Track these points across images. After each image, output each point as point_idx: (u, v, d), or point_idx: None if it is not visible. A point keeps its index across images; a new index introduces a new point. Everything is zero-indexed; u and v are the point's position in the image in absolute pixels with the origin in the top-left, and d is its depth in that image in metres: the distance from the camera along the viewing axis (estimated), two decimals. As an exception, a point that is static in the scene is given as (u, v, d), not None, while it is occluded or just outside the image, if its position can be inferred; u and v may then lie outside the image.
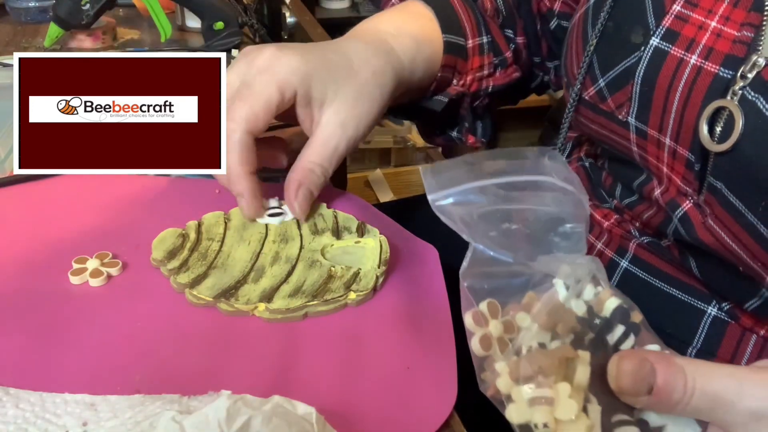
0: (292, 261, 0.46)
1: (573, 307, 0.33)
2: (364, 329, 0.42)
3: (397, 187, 1.81)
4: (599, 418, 0.30)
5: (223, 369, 0.38)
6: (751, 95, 0.38)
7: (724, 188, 0.40)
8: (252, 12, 1.01)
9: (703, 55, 0.40)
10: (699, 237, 0.43)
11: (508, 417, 0.30)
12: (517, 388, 0.30)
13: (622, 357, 0.31)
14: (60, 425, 0.33)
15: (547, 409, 0.29)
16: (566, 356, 0.31)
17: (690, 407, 0.30)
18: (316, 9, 2.16)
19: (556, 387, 0.30)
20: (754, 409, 0.29)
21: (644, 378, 0.30)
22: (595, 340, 0.32)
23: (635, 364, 0.30)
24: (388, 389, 0.37)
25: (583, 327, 0.32)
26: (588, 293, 0.34)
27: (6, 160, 0.57)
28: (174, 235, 0.48)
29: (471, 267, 0.34)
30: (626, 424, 0.30)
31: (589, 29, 0.49)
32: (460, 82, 0.61)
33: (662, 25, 0.43)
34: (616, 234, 0.53)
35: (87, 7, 0.85)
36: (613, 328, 0.33)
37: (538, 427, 0.29)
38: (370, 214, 0.53)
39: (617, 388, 0.30)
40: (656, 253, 0.50)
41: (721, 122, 0.39)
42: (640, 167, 0.48)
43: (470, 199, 0.35)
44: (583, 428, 0.29)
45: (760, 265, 0.40)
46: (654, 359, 0.30)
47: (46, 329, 0.40)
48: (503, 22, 0.64)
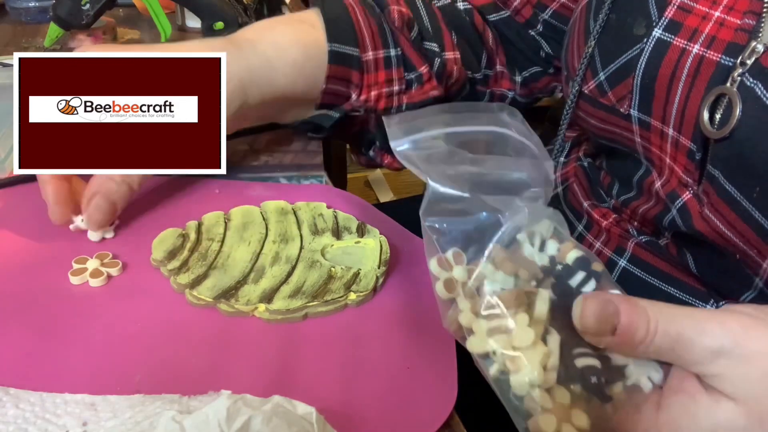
0: (292, 261, 0.46)
1: (536, 259, 0.34)
2: (364, 330, 0.42)
3: (397, 187, 1.81)
4: (558, 347, 0.30)
5: (223, 369, 0.38)
6: (749, 81, 0.38)
7: (720, 176, 0.40)
8: (252, 12, 1.01)
9: (705, 44, 0.41)
10: (695, 227, 0.43)
11: (469, 348, 0.31)
12: (477, 321, 0.31)
13: (586, 297, 0.31)
14: (60, 425, 0.33)
15: (505, 338, 0.30)
16: (525, 291, 0.31)
17: (652, 348, 0.30)
18: (316, 9, 2.15)
19: (514, 318, 0.30)
20: (713, 347, 0.30)
21: (608, 318, 0.30)
22: (556, 284, 0.32)
23: (599, 304, 0.30)
24: (388, 389, 0.37)
25: (546, 273, 0.33)
26: (551, 248, 0.34)
27: (6, 160, 0.57)
28: (174, 235, 0.48)
29: (430, 206, 0.35)
30: (587, 356, 0.31)
31: (591, 22, 0.49)
32: (361, 97, 0.57)
33: (665, 16, 0.43)
34: (614, 233, 0.53)
35: (87, 7, 0.85)
36: (574, 274, 0.33)
37: (496, 354, 0.30)
38: (370, 214, 0.53)
39: (581, 327, 0.31)
40: (654, 253, 0.50)
41: (720, 109, 0.40)
42: (639, 161, 0.49)
43: (430, 145, 0.36)
44: (539, 355, 0.29)
45: (755, 252, 0.40)
46: (618, 300, 0.31)
47: (46, 329, 0.40)
48: (421, 35, 0.60)
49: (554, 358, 0.30)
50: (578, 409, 0.29)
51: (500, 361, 0.30)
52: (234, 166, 0.61)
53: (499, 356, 0.30)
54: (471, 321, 0.31)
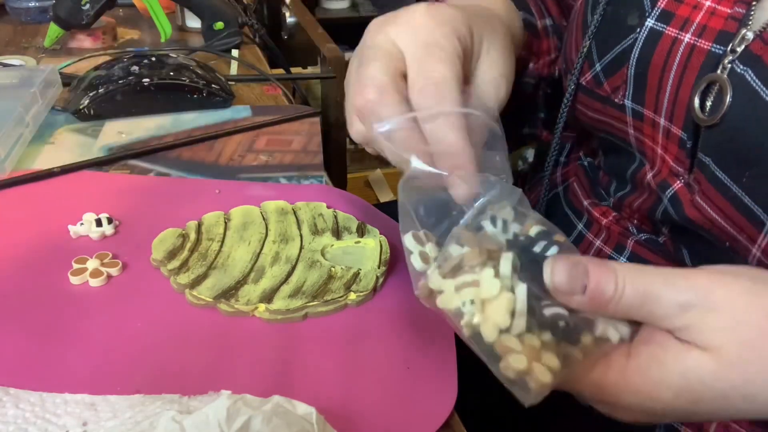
0: (292, 261, 0.46)
1: (501, 239, 0.35)
2: (364, 329, 0.42)
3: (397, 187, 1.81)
4: (525, 295, 0.31)
5: (223, 369, 0.38)
6: (739, 68, 0.39)
7: (711, 163, 0.41)
8: (252, 12, 1.01)
9: (696, 33, 0.41)
10: (687, 215, 0.44)
11: (440, 305, 0.32)
12: (445, 282, 0.32)
13: (556, 258, 0.32)
14: (60, 425, 0.33)
15: (473, 290, 0.31)
16: (488, 249, 0.32)
17: (621, 305, 0.31)
18: (316, 9, 2.16)
19: (480, 272, 0.31)
20: (681, 301, 0.30)
21: (578, 277, 0.31)
22: (520, 253, 0.33)
23: (568, 263, 0.31)
24: (388, 389, 0.37)
25: (509, 246, 0.34)
26: (514, 227, 0.36)
27: (6, 160, 0.57)
28: (174, 235, 0.48)
29: (409, 181, 0.36)
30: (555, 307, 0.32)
31: (589, 17, 0.49)
32: (536, 65, 0.57)
33: (658, 6, 0.44)
34: (614, 231, 0.53)
35: (87, 7, 0.85)
36: (536, 243, 0.35)
37: (465, 305, 0.31)
38: (370, 214, 0.53)
39: (552, 285, 0.31)
40: (654, 250, 0.50)
41: (711, 96, 0.40)
42: (634, 155, 0.49)
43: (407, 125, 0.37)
44: (506, 301, 0.30)
45: (745, 236, 0.41)
46: (587, 260, 0.31)
47: (46, 329, 0.40)
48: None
49: (521, 304, 0.31)
50: (549, 351, 0.30)
51: (470, 312, 0.31)
52: (234, 166, 0.61)
53: (468, 308, 0.31)
54: (440, 284, 0.32)
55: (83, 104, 0.67)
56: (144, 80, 0.68)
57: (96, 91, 0.68)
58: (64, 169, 0.58)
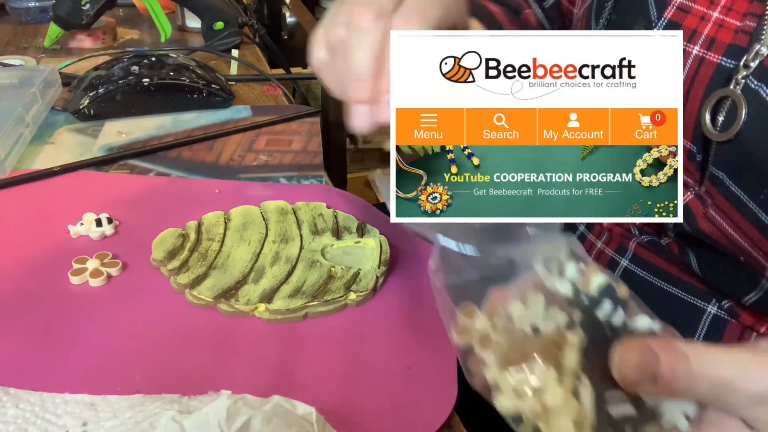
0: (292, 261, 0.46)
1: (558, 288, 0.32)
2: (364, 329, 0.42)
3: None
4: (591, 400, 0.29)
5: (223, 369, 0.38)
6: (754, 84, 0.38)
7: (726, 178, 0.40)
8: (252, 12, 1.01)
9: (705, 45, 0.41)
10: (700, 228, 0.43)
11: (498, 407, 0.30)
12: (504, 377, 0.30)
13: (624, 347, 0.30)
14: (60, 425, 0.33)
15: (534, 398, 0.29)
16: (553, 340, 0.30)
17: (693, 392, 0.30)
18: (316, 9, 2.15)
19: (543, 373, 0.29)
20: (757, 393, 0.29)
21: (648, 367, 0.29)
22: (584, 320, 0.32)
23: (638, 353, 0.30)
24: (388, 389, 0.37)
25: (571, 306, 0.32)
26: (570, 271, 0.33)
27: (6, 160, 0.57)
28: (174, 235, 0.48)
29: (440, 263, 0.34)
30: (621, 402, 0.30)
31: (593, 24, 0.49)
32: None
33: (664, 17, 0.43)
34: (616, 233, 0.53)
35: (87, 7, 0.85)
36: (600, 304, 0.32)
37: (526, 414, 0.29)
38: (370, 214, 0.53)
39: (621, 378, 0.30)
40: (656, 252, 0.50)
41: (723, 112, 0.40)
42: None
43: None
44: (572, 413, 0.29)
45: (761, 254, 0.40)
46: (657, 346, 0.30)
47: (46, 329, 0.40)
48: None
49: (587, 413, 0.29)
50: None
51: (531, 424, 0.29)
52: (234, 166, 0.61)
53: (530, 418, 0.29)
54: (497, 377, 0.30)
55: (83, 104, 0.67)
56: (144, 80, 0.69)
57: (96, 91, 0.68)
58: (64, 168, 0.58)
